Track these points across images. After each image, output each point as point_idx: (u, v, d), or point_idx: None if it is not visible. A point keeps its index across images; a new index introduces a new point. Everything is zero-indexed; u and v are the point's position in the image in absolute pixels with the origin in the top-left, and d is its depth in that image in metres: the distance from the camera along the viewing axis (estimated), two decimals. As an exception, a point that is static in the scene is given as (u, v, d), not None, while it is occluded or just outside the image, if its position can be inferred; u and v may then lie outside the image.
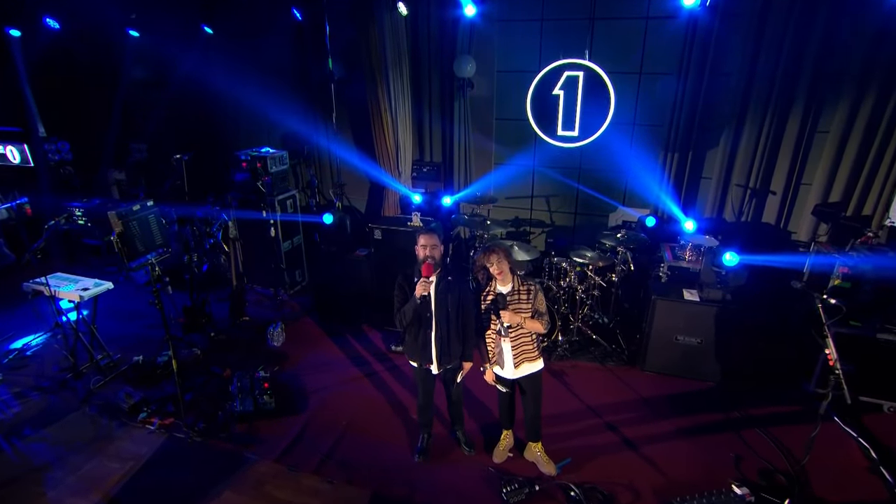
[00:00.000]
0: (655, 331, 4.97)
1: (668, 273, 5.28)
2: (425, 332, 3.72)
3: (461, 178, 7.13)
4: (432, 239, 3.60)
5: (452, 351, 3.78)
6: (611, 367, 5.25)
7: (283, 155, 6.62)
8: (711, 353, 4.85)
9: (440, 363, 3.79)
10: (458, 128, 6.89)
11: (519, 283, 3.63)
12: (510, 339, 3.68)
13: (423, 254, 3.58)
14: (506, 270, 3.57)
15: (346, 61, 6.84)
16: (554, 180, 6.91)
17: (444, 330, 3.70)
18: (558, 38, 6.24)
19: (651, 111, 6.29)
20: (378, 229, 5.56)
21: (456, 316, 3.71)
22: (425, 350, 3.76)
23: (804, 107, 5.59)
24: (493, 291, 3.67)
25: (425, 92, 6.90)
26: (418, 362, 3.85)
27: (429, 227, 3.64)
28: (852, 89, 5.39)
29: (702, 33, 5.70)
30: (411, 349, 3.84)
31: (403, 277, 3.71)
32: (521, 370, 3.76)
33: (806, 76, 5.48)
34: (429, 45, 6.65)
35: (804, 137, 5.72)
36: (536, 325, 3.62)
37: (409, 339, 3.83)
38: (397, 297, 3.72)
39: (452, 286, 3.66)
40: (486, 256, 3.56)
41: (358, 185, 7.65)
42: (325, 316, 6.19)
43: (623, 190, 6.67)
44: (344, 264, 5.87)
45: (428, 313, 3.67)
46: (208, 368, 5.29)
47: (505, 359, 3.74)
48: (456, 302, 3.68)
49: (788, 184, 5.90)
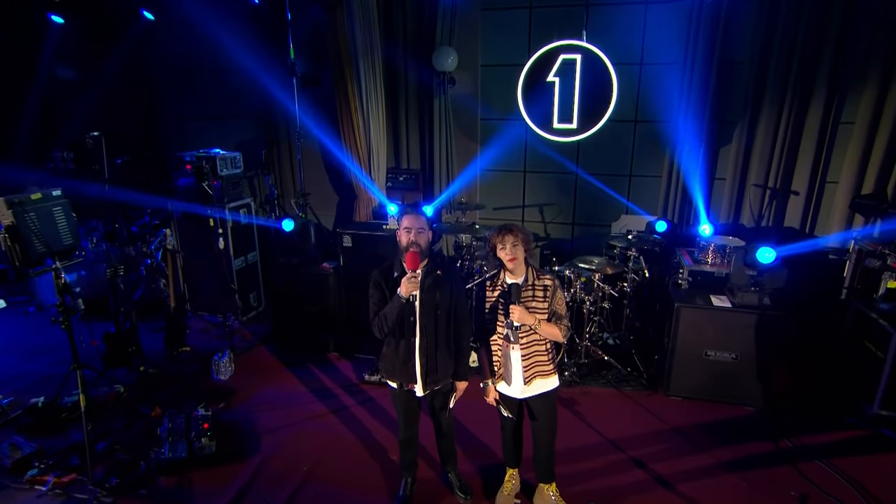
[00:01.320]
0: (681, 346, 4.45)
1: (688, 279, 4.83)
2: (407, 341, 3.12)
3: (442, 187, 6.67)
4: (419, 221, 3.05)
5: (442, 367, 3.17)
6: (628, 393, 4.68)
7: (235, 157, 6.06)
8: (750, 371, 4.33)
9: (426, 383, 3.17)
10: (439, 129, 6.49)
11: (534, 277, 3.09)
12: (520, 346, 3.10)
13: (407, 239, 3.01)
14: (520, 258, 3.02)
15: (311, 53, 6.44)
16: (548, 187, 6.51)
17: (431, 338, 3.11)
18: (549, 27, 5.96)
19: (655, 106, 5.99)
20: (348, 235, 4.98)
21: (447, 320, 3.13)
22: (407, 365, 3.15)
23: (826, 96, 5.33)
24: (501, 284, 3.13)
25: (401, 89, 6.51)
26: (399, 382, 3.22)
27: (414, 208, 3.09)
28: (878, 74, 5.14)
29: (708, 18, 5.47)
30: (390, 365, 3.22)
31: (380, 272, 3.15)
32: (533, 388, 3.16)
33: (826, 62, 5.24)
34: (404, 34, 6.31)
35: (827, 130, 5.44)
36: (553, 330, 3.07)
37: (388, 351, 3.22)
38: (373, 299, 3.13)
39: (442, 282, 3.10)
40: (500, 236, 3.01)
41: (324, 197, 7.11)
42: (285, 343, 5.50)
43: (626, 194, 6.29)
44: (307, 280, 5.25)
45: (411, 317, 3.08)
46: (134, 409, 4.51)
47: (513, 372, 3.14)
48: (447, 302, 3.11)
49: (812, 182, 5.58)
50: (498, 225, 3.08)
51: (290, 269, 5.30)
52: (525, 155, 6.53)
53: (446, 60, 6.12)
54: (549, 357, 3.18)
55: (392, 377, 3.23)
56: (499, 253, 3.04)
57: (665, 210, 6.07)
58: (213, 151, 5.93)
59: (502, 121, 6.44)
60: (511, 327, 3.02)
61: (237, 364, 5.17)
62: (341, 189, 7.10)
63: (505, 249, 3.01)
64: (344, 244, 4.99)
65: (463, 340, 3.21)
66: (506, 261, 3.03)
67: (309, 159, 6.88)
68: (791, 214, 5.68)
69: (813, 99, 5.37)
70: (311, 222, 5.54)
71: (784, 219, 5.70)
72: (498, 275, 3.16)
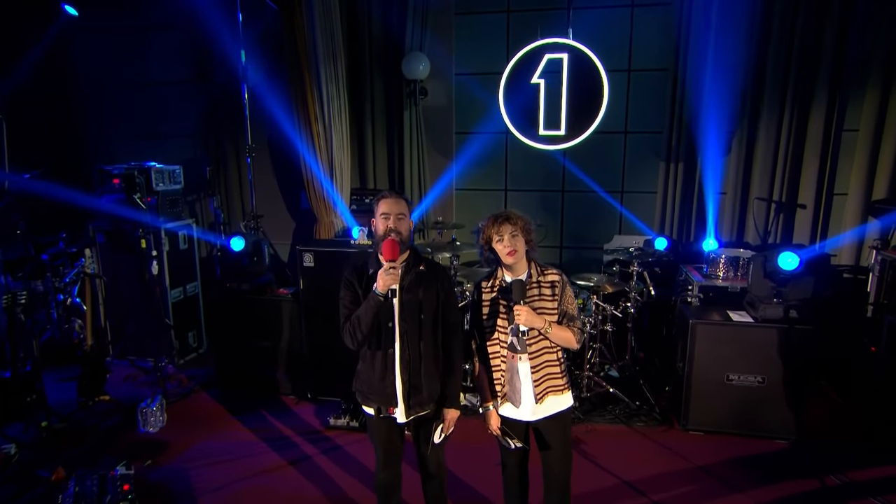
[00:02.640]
0: (698, 370, 4.15)
1: (699, 296, 4.61)
2: (385, 353, 2.72)
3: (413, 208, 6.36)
4: (398, 205, 2.71)
5: (428, 386, 2.77)
6: (641, 429, 4.32)
7: (174, 171, 5.63)
8: (780, 397, 4.05)
9: (409, 406, 2.75)
10: (409, 144, 6.25)
11: (538, 272, 2.80)
12: (528, 356, 2.74)
13: (385, 227, 2.67)
14: (521, 251, 2.73)
15: (265, 56, 6.16)
16: (532, 207, 6.28)
17: (414, 349, 2.73)
18: (529, 33, 5.87)
19: (646, 116, 5.95)
20: (309, 253, 4.57)
21: (433, 327, 2.77)
22: (385, 382, 2.73)
23: (826, 102, 5.34)
24: (499, 283, 2.81)
25: (367, 98, 6.27)
26: (376, 406, 2.78)
27: (392, 191, 2.77)
28: (879, 79, 5.21)
29: (699, 21, 5.49)
30: (365, 384, 2.80)
31: (353, 270, 2.79)
32: (546, 407, 2.79)
33: (825, 66, 5.28)
34: (370, 39, 6.13)
35: (830, 138, 5.42)
36: (566, 334, 2.75)
37: (363, 367, 2.81)
38: (344, 301, 2.75)
39: (427, 279, 2.76)
40: (496, 226, 2.70)
41: (278, 222, 6.68)
42: (231, 387, 4.96)
43: (618, 212, 6.13)
44: (260, 310, 4.79)
45: (390, 322, 2.70)
46: (29, 473, 3.86)
47: (521, 389, 2.76)
48: (433, 303, 2.76)
49: (819, 194, 5.51)
50: (492, 213, 2.78)
51: (240, 297, 4.82)
52: (506, 171, 6.33)
53: (417, 67, 5.95)
54: (562, 369, 2.83)
55: (368, 400, 2.81)
56: (495, 246, 2.75)
57: (662, 227, 5.91)
58: (148, 164, 5.49)
59: (480, 134, 6.25)
60: (517, 333, 2.68)
61: (171, 413, 4.58)
62: (298, 213, 6.71)
63: (502, 241, 2.71)
64: (305, 264, 4.56)
65: (454, 354, 2.82)
66: (504, 255, 2.73)
67: (261, 180, 6.49)
68: (800, 229, 5.57)
69: (813, 105, 5.37)
70: (265, 241, 5.10)
71: (793, 234, 5.60)
72: (495, 274, 2.86)
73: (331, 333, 4.50)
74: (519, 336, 2.68)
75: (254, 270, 4.91)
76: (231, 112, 6.34)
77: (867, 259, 5.29)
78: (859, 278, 5.17)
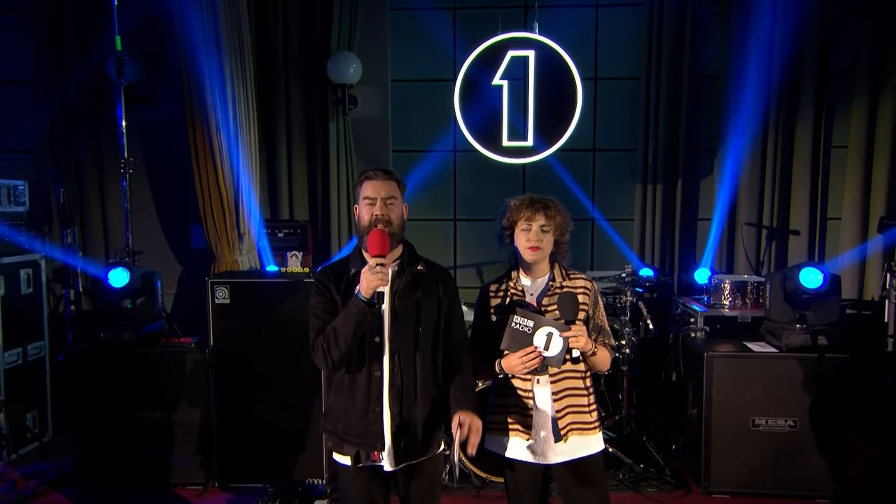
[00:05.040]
0: (718, 413, 4.10)
1: (705, 329, 4.66)
2: (370, 376, 2.45)
3: (343, 243, 6.12)
4: (386, 186, 2.51)
5: (426, 421, 2.50)
6: (654, 496, 4.19)
7: (16, 187, 5.07)
8: (814, 444, 4.03)
9: (400, 450, 2.45)
10: (337, 164, 6.03)
11: (563, 276, 2.74)
12: (549, 378, 2.63)
13: (371, 215, 2.47)
14: (546, 249, 2.65)
15: (148, 52, 5.81)
16: (487, 239, 6.06)
17: (408, 373, 2.48)
18: (479, 32, 5.97)
19: (617, 131, 6.15)
20: (223, 286, 4.15)
21: (432, 342, 2.54)
22: (368, 418, 2.44)
23: (813, 115, 5.74)
24: (513, 287, 2.73)
25: (281, 106, 6.04)
26: (354, 451, 2.46)
27: (379, 170, 2.57)
28: (866, 90, 5.66)
29: (671, 24, 5.81)
30: (341, 421, 2.51)
31: (329, 271, 2.60)
32: (569, 448, 2.63)
33: (809, 75, 5.70)
34: (285, 31, 5.99)
35: (819, 155, 5.81)
36: (607, 355, 2.71)
37: (337, 398, 2.53)
38: (316, 311, 2.49)
39: (426, 282, 2.56)
40: (529, 210, 2.61)
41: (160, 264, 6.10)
42: (98, 480, 4.30)
43: (590, 242, 6.21)
44: (150, 367, 4.29)
45: (377, 337, 2.46)
46: None
47: (540, 421, 2.63)
48: (434, 313, 2.55)
49: (812, 218, 5.85)
50: (528, 194, 2.69)
51: (118, 353, 4.26)
52: (455, 197, 6.27)
53: (346, 70, 5.83)
54: (590, 401, 2.72)
55: (343, 444, 2.49)
56: (517, 234, 2.66)
57: (642, 258, 6.01)
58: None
59: (422, 152, 6.18)
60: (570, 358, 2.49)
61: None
62: (187, 253, 6.19)
63: (528, 232, 2.62)
64: (217, 301, 4.13)
65: (464, 369, 2.59)
66: (524, 249, 2.63)
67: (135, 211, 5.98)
68: (795, 257, 5.82)
69: (799, 118, 5.75)
70: (157, 273, 4.57)
71: (787, 261, 5.84)
72: (509, 275, 2.76)
73: (251, 391, 4.20)
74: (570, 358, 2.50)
75: (141, 315, 4.39)
76: (95, 120, 5.89)
77: (871, 283, 5.62)
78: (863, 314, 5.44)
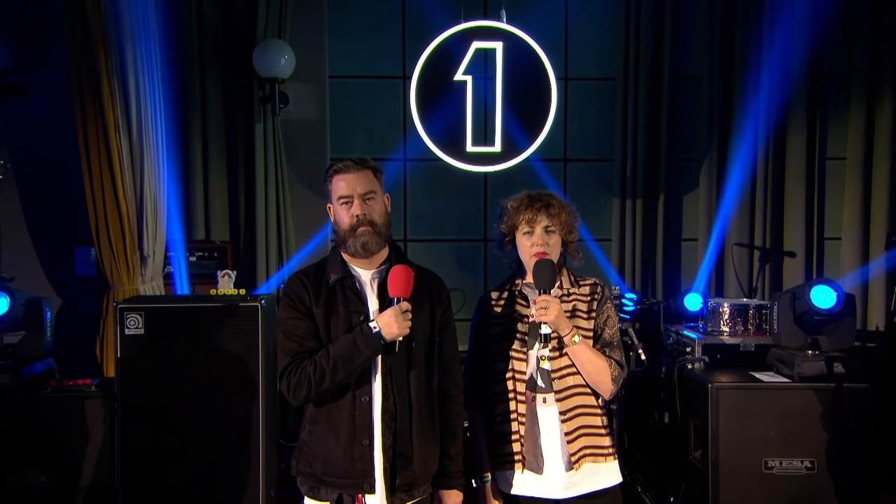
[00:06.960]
0: (726, 455, 4.08)
1: (703, 358, 4.71)
2: (355, 404, 2.46)
3: (272, 270, 6.04)
4: (363, 179, 2.57)
5: (420, 455, 2.51)
6: (657, 556, 4.13)
7: None
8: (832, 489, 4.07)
9: (394, 489, 2.47)
10: (264, 173, 5.96)
11: (571, 282, 2.85)
12: (555, 395, 2.68)
13: (351, 217, 2.54)
14: (554, 252, 2.74)
15: (21, 30, 5.71)
16: (445, 262, 6.26)
17: (403, 397, 2.50)
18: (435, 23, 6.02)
19: (590, 138, 6.31)
20: (137, 313, 3.94)
21: (426, 360, 2.58)
22: (354, 453, 2.43)
23: (806, 123, 6.01)
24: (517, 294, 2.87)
25: (195, 103, 5.96)
26: (336, 493, 2.46)
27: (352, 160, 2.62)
28: (863, 96, 5.99)
29: (650, 20, 6.01)
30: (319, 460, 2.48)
31: (301, 279, 2.59)
32: (583, 478, 2.66)
33: (799, 79, 5.95)
34: (199, 17, 5.94)
35: (815, 167, 6.07)
36: (600, 361, 2.69)
37: (316, 431, 2.49)
38: (290, 328, 2.49)
39: (418, 291, 2.57)
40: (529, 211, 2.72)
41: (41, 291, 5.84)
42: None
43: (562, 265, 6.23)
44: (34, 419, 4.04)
45: None
46: None
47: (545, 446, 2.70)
48: (427, 327, 2.59)
49: (809, 237, 6.08)
50: (526, 192, 2.80)
51: None
52: (405, 214, 6.28)
53: (276, 61, 5.77)
54: (604, 423, 2.77)
55: (321, 486, 2.47)
56: (519, 239, 2.77)
57: (622, 281, 6.14)
58: None
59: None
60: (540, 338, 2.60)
61: None
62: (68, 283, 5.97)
63: (531, 235, 2.72)
64: (128, 331, 3.91)
65: (453, 409, 2.64)
66: (530, 256, 2.72)
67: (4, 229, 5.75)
68: (790, 281, 6.02)
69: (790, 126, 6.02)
70: (46, 300, 4.29)
71: (782, 286, 6.00)
72: (513, 281, 2.90)
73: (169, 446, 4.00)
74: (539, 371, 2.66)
75: (24, 352, 4.13)
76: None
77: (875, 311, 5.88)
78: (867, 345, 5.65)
